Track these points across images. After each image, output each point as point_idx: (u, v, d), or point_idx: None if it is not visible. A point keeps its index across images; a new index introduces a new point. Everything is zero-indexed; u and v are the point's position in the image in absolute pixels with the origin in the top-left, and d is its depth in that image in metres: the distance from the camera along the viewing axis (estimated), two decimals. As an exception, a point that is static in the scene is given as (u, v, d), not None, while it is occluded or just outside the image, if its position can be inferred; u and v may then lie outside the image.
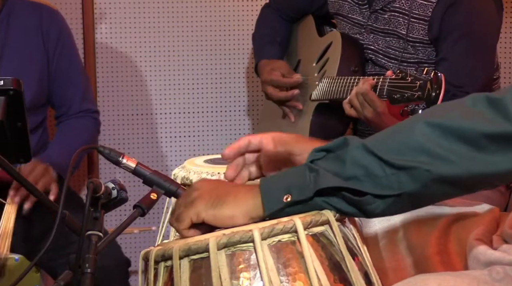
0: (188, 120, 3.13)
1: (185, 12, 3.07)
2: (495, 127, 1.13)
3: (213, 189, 1.24)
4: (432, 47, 2.39)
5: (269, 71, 2.65)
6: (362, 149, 1.17)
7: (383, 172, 1.15)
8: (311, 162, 1.19)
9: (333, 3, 2.62)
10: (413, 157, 1.15)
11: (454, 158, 1.14)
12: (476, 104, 1.17)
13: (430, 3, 2.36)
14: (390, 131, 1.21)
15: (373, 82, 2.16)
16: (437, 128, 1.15)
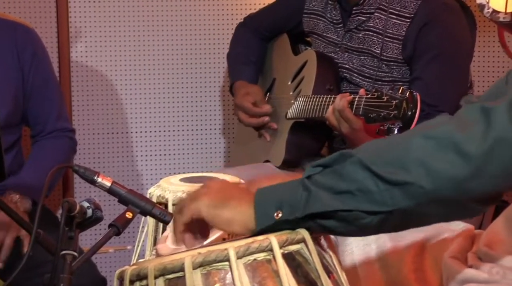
0: (164, 139, 3.12)
1: (161, 31, 3.07)
2: (489, 138, 1.11)
3: (221, 190, 1.23)
4: (406, 66, 2.41)
5: (242, 95, 2.66)
6: (357, 163, 1.16)
7: (376, 187, 1.14)
8: (307, 178, 1.19)
9: (308, 22, 2.64)
10: (409, 171, 1.13)
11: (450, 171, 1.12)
12: (471, 115, 1.15)
13: (404, 22, 2.38)
14: (387, 145, 1.19)
15: (350, 98, 2.17)
16: (434, 141, 1.13)
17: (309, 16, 2.64)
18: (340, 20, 2.53)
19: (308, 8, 2.64)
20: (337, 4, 2.54)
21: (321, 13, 2.60)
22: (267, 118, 2.63)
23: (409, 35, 2.37)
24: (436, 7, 2.37)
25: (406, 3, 2.39)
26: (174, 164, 3.13)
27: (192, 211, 1.21)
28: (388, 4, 2.41)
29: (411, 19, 2.37)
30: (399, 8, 2.40)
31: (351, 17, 2.48)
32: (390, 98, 2.03)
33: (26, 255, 1.22)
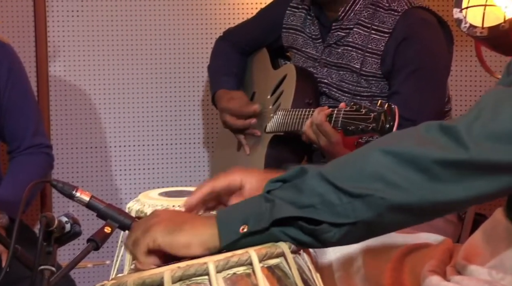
0: (142, 153, 3.11)
1: (139, 45, 3.07)
2: (448, 155, 1.14)
3: (172, 217, 1.24)
4: (385, 80, 2.42)
5: (227, 100, 2.66)
6: (318, 177, 1.18)
7: (338, 200, 1.15)
8: (267, 192, 1.20)
9: (287, 37, 2.65)
10: (368, 184, 1.15)
11: (408, 185, 1.15)
12: (430, 132, 1.18)
13: (383, 37, 2.40)
14: (346, 159, 1.21)
15: (328, 112, 2.18)
16: (392, 155, 1.16)
17: (288, 31, 2.65)
18: (319, 35, 2.54)
19: (287, 23, 2.65)
20: (316, 20, 2.55)
21: (300, 28, 2.61)
22: (254, 120, 2.63)
23: (387, 50, 2.39)
24: (414, 23, 2.39)
25: (385, 18, 2.41)
26: (153, 178, 3.13)
27: (147, 241, 1.21)
28: (367, 20, 2.43)
29: (389, 34, 2.39)
30: (378, 23, 2.42)
31: (330, 33, 2.50)
32: (368, 111, 2.04)
33: (4, 271, 1.21)
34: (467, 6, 2.30)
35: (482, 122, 1.15)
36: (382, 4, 2.43)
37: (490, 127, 1.14)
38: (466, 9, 2.30)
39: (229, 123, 2.65)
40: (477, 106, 1.18)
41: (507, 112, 1.15)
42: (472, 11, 2.30)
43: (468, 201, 1.18)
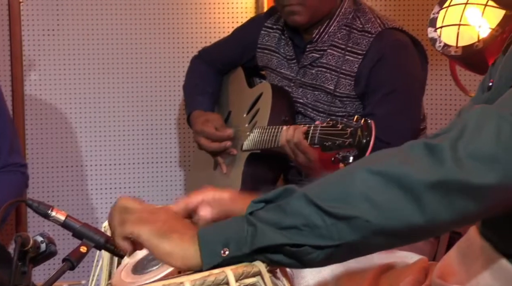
0: (118, 172, 3.10)
1: (115, 63, 3.06)
2: (433, 175, 1.14)
3: (165, 221, 1.22)
4: (359, 101, 2.43)
5: (202, 122, 2.65)
6: (302, 198, 1.16)
7: (323, 222, 1.14)
8: (250, 214, 1.19)
9: (261, 57, 2.66)
10: (354, 205, 1.14)
11: (393, 206, 1.13)
12: (415, 151, 1.17)
13: (357, 59, 2.41)
14: (331, 179, 1.20)
15: (305, 129, 2.19)
16: (378, 175, 1.15)
17: (263, 51, 2.66)
18: (294, 56, 2.55)
19: (261, 43, 2.66)
20: (289, 41, 2.56)
21: (275, 48, 2.61)
22: (229, 143, 2.63)
23: (361, 71, 2.40)
24: (388, 44, 2.40)
25: (359, 40, 2.42)
26: (130, 196, 3.11)
27: (133, 232, 1.20)
28: (341, 41, 2.44)
29: (363, 55, 2.40)
30: (352, 44, 2.43)
31: (304, 54, 2.51)
32: (345, 127, 2.05)
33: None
34: (441, 25, 2.32)
35: (465, 142, 1.15)
36: (356, 26, 2.44)
37: (473, 147, 1.14)
38: (440, 29, 2.32)
39: (204, 146, 2.65)
40: (460, 123, 1.18)
41: (490, 131, 1.14)
42: (447, 31, 2.32)
43: (453, 223, 1.17)
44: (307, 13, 2.44)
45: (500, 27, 2.21)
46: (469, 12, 2.28)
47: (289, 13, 2.46)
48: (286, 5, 2.44)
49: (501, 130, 1.14)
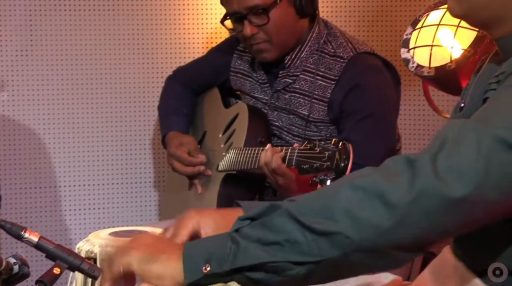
0: (92, 192, 3.08)
1: (88, 84, 3.06)
2: (413, 190, 1.14)
3: (151, 244, 1.22)
4: (333, 126, 2.44)
5: (176, 145, 2.65)
6: (285, 214, 1.17)
7: (304, 238, 1.14)
8: (236, 231, 1.19)
9: (235, 81, 2.66)
10: (336, 221, 1.14)
11: (376, 221, 1.14)
12: (396, 166, 1.18)
13: (330, 84, 2.41)
14: (315, 196, 1.20)
15: (282, 154, 2.19)
16: (360, 191, 1.15)
17: (236, 75, 2.66)
18: (266, 80, 2.55)
19: (234, 66, 2.66)
20: (260, 66, 2.56)
21: (247, 72, 2.62)
22: (202, 167, 2.62)
23: (334, 97, 2.40)
24: (361, 70, 2.40)
25: (331, 65, 2.43)
26: (103, 218, 3.09)
27: (123, 265, 1.20)
28: (313, 66, 2.45)
29: (336, 81, 2.40)
30: (324, 69, 2.43)
31: (277, 79, 2.51)
32: (323, 150, 2.05)
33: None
34: (414, 46, 2.34)
35: (445, 155, 1.16)
36: (327, 51, 2.45)
37: (452, 160, 1.15)
38: (413, 50, 2.34)
39: (177, 169, 2.64)
40: (440, 137, 1.19)
41: (470, 145, 1.16)
42: (420, 51, 2.33)
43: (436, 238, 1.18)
44: (275, 50, 2.44)
45: (472, 48, 2.23)
46: (441, 33, 2.31)
47: (257, 51, 2.47)
48: (253, 43, 2.45)
49: (481, 143, 1.15)
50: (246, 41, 2.46)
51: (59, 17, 2.99)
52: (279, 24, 2.40)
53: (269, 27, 2.40)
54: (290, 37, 2.44)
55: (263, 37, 2.42)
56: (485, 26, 1.37)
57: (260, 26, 2.40)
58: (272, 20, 2.39)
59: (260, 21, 2.40)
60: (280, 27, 2.41)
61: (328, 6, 3.09)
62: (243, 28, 2.42)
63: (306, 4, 2.41)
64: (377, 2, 3.09)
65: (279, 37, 2.42)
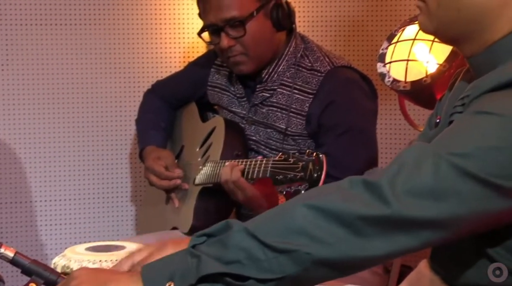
0: (68, 207, 3.07)
1: (65, 98, 3.04)
2: (371, 211, 1.16)
3: (93, 277, 1.22)
4: (311, 139, 2.44)
5: (154, 159, 2.64)
6: (243, 232, 1.18)
7: (264, 256, 1.16)
8: (193, 247, 1.19)
9: (212, 95, 2.66)
10: (294, 239, 1.16)
11: (333, 240, 1.16)
12: (354, 187, 1.20)
13: (307, 98, 2.42)
14: (272, 213, 1.22)
15: (242, 167, 2.20)
16: (316, 210, 1.17)
17: (213, 89, 2.66)
18: (244, 94, 2.56)
19: (212, 81, 2.66)
20: (238, 80, 2.57)
21: (225, 87, 2.62)
22: (178, 181, 2.62)
23: (312, 111, 2.41)
24: (338, 84, 2.41)
25: (308, 79, 2.43)
26: (79, 232, 3.08)
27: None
28: (290, 79, 2.45)
29: (314, 95, 2.41)
30: (301, 83, 2.44)
31: (255, 93, 2.52)
32: (296, 160, 2.06)
33: None
34: (390, 61, 2.36)
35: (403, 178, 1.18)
36: (304, 64, 2.46)
37: (411, 184, 1.17)
38: (389, 64, 2.35)
39: (154, 183, 2.64)
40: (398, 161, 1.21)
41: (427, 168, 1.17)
42: (395, 66, 2.35)
43: (391, 256, 1.20)
44: (252, 62, 2.45)
45: (447, 62, 2.25)
46: (417, 48, 2.32)
47: (233, 64, 2.47)
48: (230, 56, 2.45)
49: (438, 169, 1.17)
50: (223, 53, 2.47)
51: (35, 31, 2.99)
52: (255, 37, 2.41)
53: (246, 40, 2.41)
54: (266, 50, 2.45)
55: (240, 50, 2.43)
56: (455, 42, 1.39)
57: (237, 38, 2.41)
58: (249, 32, 2.40)
59: (237, 33, 2.41)
60: (257, 40, 2.42)
61: (304, 21, 3.11)
62: (220, 40, 2.43)
63: (283, 17, 2.42)
64: (353, 17, 3.11)
65: (256, 50, 2.42)
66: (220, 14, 2.40)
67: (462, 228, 1.19)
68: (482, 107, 1.21)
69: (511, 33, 1.31)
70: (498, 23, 1.31)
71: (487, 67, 1.30)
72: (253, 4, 2.40)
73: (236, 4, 2.39)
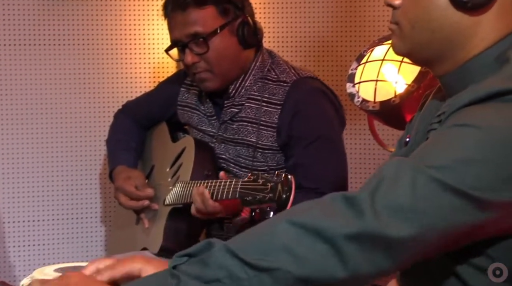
0: (37, 228, 3.04)
1: (35, 118, 3.03)
2: (351, 227, 1.16)
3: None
4: (281, 153, 2.45)
5: (124, 179, 2.63)
6: (224, 251, 1.17)
7: (245, 274, 1.15)
8: (174, 268, 1.18)
9: (182, 114, 2.66)
10: (275, 257, 1.15)
11: (313, 257, 1.15)
12: (334, 203, 1.19)
13: (276, 109, 2.43)
14: (253, 231, 1.21)
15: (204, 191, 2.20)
16: (298, 226, 1.16)
17: (183, 108, 2.66)
18: (213, 112, 2.56)
19: (181, 100, 2.66)
20: (207, 98, 2.57)
21: (195, 106, 2.62)
22: (146, 202, 2.60)
23: (282, 122, 2.42)
24: (304, 93, 2.43)
25: (275, 91, 2.45)
26: (49, 253, 3.05)
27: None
28: (257, 93, 2.46)
29: (281, 106, 2.42)
30: (268, 95, 2.45)
31: (223, 110, 2.52)
32: (265, 181, 2.06)
33: None
34: (359, 81, 2.37)
35: (382, 193, 1.17)
36: (270, 77, 2.47)
37: (390, 198, 1.17)
38: (358, 84, 2.37)
39: (123, 203, 2.63)
40: (377, 175, 1.21)
41: (406, 183, 1.17)
42: (365, 86, 2.36)
43: (374, 273, 1.19)
44: (217, 79, 2.45)
45: (415, 83, 2.27)
46: (385, 68, 2.34)
47: (199, 80, 2.48)
48: (195, 72, 2.46)
49: (416, 182, 1.17)
50: (189, 69, 2.48)
51: (3, 51, 2.97)
52: (219, 53, 2.42)
53: (209, 56, 2.41)
54: (232, 67, 2.45)
55: (204, 66, 2.43)
56: (427, 63, 1.40)
57: (201, 54, 2.42)
58: (212, 49, 2.40)
59: (200, 49, 2.41)
60: (221, 57, 2.42)
61: (275, 41, 3.12)
62: (184, 56, 2.44)
63: (249, 35, 2.43)
64: (323, 37, 3.13)
65: (220, 67, 2.43)
66: (184, 30, 2.41)
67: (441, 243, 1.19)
68: (459, 120, 1.22)
69: (483, 51, 1.32)
70: (472, 43, 1.32)
71: (460, 84, 1.31)
72: (217, 21, 2.41)
73: (199, 20, 2.40)
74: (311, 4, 3.12)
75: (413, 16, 1.34)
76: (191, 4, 2.39)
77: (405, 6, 1.35)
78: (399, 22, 1.37)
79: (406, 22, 1.35)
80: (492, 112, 1.21)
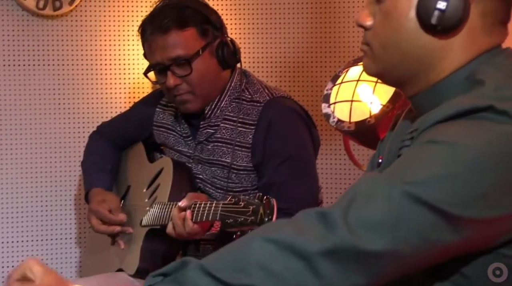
0: (11, 249, 3.01)
1: (8, 139, 3.00)
2: (324, 244, 1.16)
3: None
4: (255, 173, 2.45)
5: (98, 202, 2.61)
6: (198, 269, 1.17)
7: None
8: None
9: (158, 135, 2.66)
10: (250, 274, 1.15)
11: (288, 274, 1.15)
12: (307, 219, 1.20)
13: (250, 129, 2.44)
14: (228, 249, 1.21)
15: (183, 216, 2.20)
16: (272, 243, 1.17)
17: (159, 129, 2.66)
18: (189, 133, 2.56)
19: (157, 121, 2.66)
20: (182, 119, 2.57)
21: (171, 126, 2.62)
22: (117, 228, 2.59)
23: (256, 142, 2.43)
24: (277, 112, 2.44)
25: (249, 111, 2.45)
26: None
27: None
28: (233, 113, 2.47)
29: (255, 126, 2.43)
30: (243, 116, 2.45)
31: (199, 131, 2.52)
32: (247, 204, 2.06)
33: None
34: (334, 101, 2.38)
35: (357, 209, 1.18)
36: (245, 97, 2.48)
37: (364, 214, 1.18)
38: (334, 105, 2.38)
39: (94, 226, 2.61)
40: (351, 191, 1.21)
41: (380, 199, 1.18)
42: (340, 106, 2.37)
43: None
44: (198, 101, 2.46)
45: (390, 103, 2.28)
46: (361, 89, 2.35)
47: (180, 102, 2.48)
48: (177, 94, 2.46)
49: (390, 197, 1.18)
50: (170, 92, 2.47)
51: (-21, 71, 2.96)
52: (201, 75, 2.42)
53: (192, 78, 2.42)
54: (213, 88, 2.46)
55: (186, 88, 2.43)
56: (398, 84, 1.41)
57: (183, 77, 2.42)
58: (195, 71, 2.41)
59: (183, 72, 2.42)
60: (203, 78, 2.43)
61: (250, 61, 3.13)
62: (166, 79, 2.43)
63: (228, 55, 2.44)
64: (298, 58, 3.15)
65: (202, 88, 2.44)
66: (166, 53, 2.41)
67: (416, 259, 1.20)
68: (431, 137, 1.23)
69: (454, 72, 1.34)
70: (442, 64, 1.34)
71: (431, 105, 1.32)
72: (199, 42, 2.42)
73: (181, 43, 2.41)
74: (287, 24, 3.14)
75: (384, 37, 1.36)
76: (172, 27, 2.39)
77: (376, 28, 1.37)
78: (370, 43, 1.38)
79: (377, 43, 1.37)
80: (462, 130, 1.22)
